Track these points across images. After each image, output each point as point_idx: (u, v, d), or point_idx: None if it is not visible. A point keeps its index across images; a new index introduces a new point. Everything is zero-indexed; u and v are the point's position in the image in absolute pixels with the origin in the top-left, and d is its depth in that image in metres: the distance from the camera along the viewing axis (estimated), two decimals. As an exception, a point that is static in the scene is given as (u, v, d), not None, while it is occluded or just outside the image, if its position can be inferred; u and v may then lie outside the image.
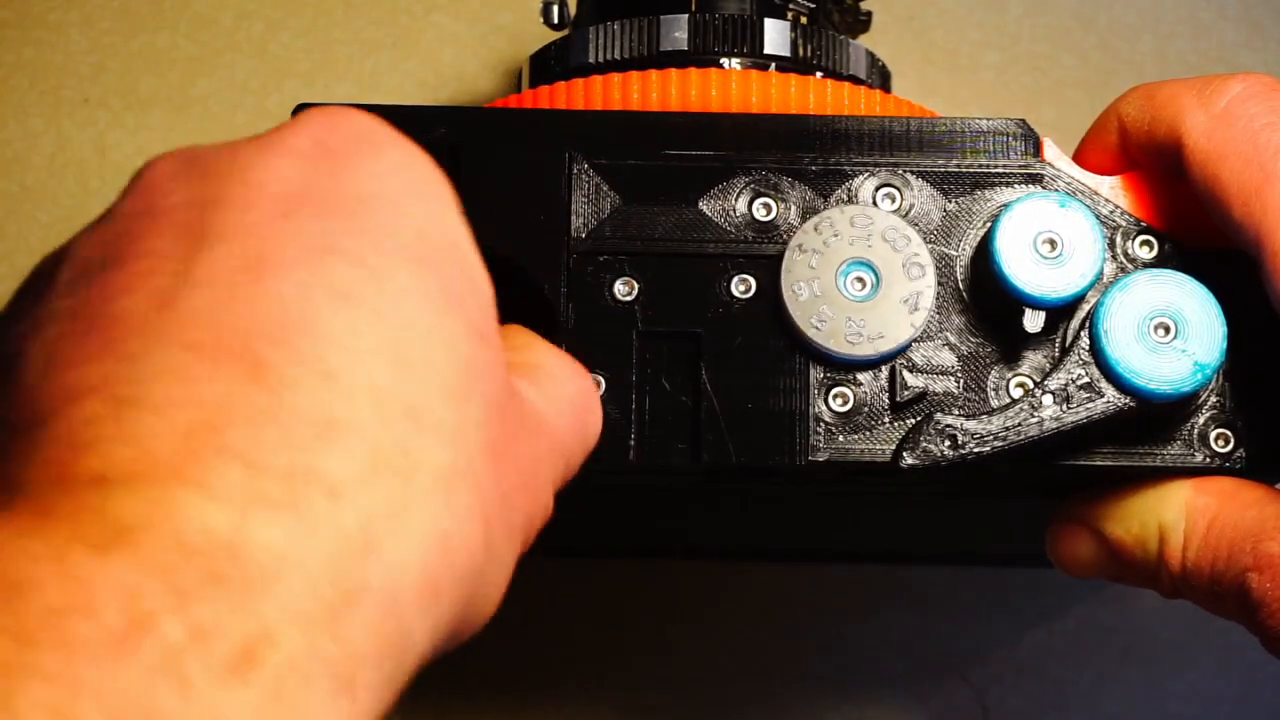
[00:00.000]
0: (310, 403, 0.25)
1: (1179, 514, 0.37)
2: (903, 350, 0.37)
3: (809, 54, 0.42)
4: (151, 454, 0.24)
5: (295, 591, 0.24)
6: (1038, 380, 0.37)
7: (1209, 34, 0.60)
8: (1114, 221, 0.38)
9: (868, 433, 0.37)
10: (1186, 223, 0.38)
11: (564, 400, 0.33)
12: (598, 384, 0.37)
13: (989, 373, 0.37)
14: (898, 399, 0.37)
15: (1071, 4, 0.60)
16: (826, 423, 0.37)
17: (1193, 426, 0.37)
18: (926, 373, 0.37)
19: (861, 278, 0.37)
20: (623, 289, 0.37)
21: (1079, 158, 0.39)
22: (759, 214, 0.38)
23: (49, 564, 0.23)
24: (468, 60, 0.60)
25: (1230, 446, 0.37)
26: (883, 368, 0.37)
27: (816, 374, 0.37)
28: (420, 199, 0.29)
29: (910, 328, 0.37)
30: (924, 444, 0.36)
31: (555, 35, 0.46)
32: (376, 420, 0.26)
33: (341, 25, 0.60)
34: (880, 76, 0.44)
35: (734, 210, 0.38)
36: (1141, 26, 0.60)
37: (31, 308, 0.28)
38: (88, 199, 0.58)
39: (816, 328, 0.36)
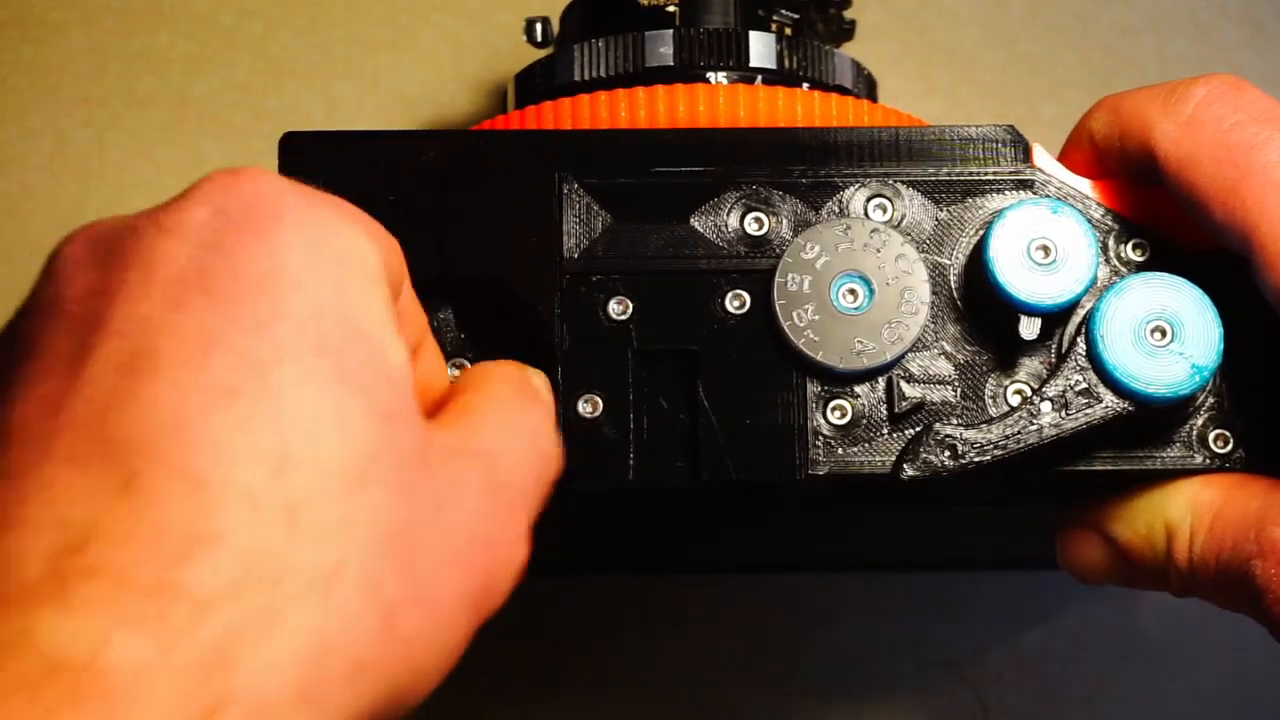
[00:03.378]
0: (179, 515, 0.25)
1: (1185, 510, 0.37)
2: (898, 361, 0.37)
3: (794, 65, 0.42)
4: (21, 579, 0.25)
5: (157, 706, 0.24)
6: (1035, 387, 0.37)
7: (1209, 34, 0.60)
8: (1106, 225, 0.38)
9: (867, 445, 0.37)
10: (1175, 225, 0.38)
11: (512, 433, 0.32)
12: (594, 404, 0.37)
13: (986, 381, 0.37)
14: (896, 410, 0.37)
15: (1071, 4, 0.60)
16: (825, 436, 0.37)
17: (1191, 428, 0.37)
18: (924, 383, 0.37)
19: (854, 289, 0.37)
20: (617, 308, 0.37)
21: None
22: (751, 229, 0.38)
23: None
24: (467, 60, 0.60)
25: (1229, 447, 0.37)
26: (880, 379, 0.37)
27: (814, 387, 0.37)
28: (322, 274, 0.28)
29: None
30: (923, 455, 0.36)
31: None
32: (248, 527, 0.26)
33: (341, 25, 0.60)
34: (866, 85, 0.44)
35: (726, 226, 0.38)
36: (1141, 26, 0.60)
37: None
38: (88, 199, 0.58)
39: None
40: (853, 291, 0.37)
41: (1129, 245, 0.38)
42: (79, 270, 0.29)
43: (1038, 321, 0.36)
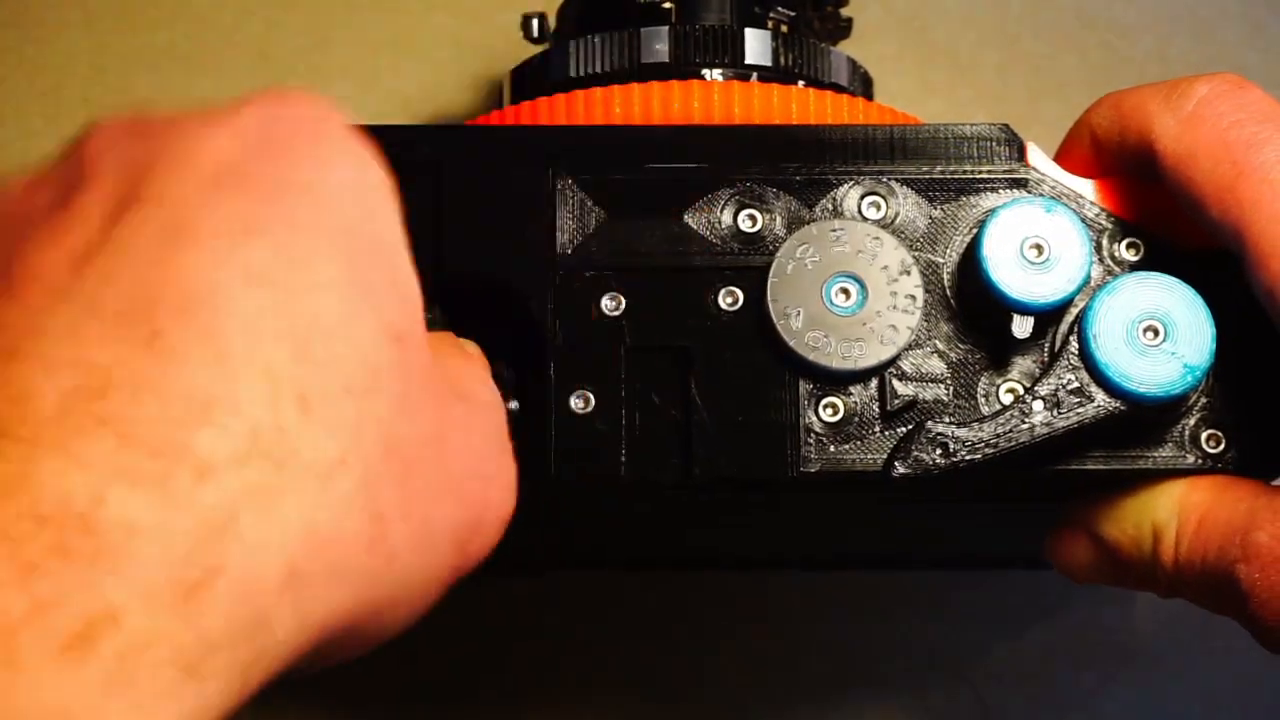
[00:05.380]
0: (197, 378, 0.25)
1: (1172, 512, 0.37)
2: (891, 360, 0.37)
3: (790, 63, 0.42)
4: (31, 413, 0.24)
5: (146, 569, 0.24)
6: (1028, 386, 0.37)
7: (1209, 34, 0.60)
8: (1100, 224, 0.38)
9: (859, 443, 0.37)
10: (1171, 224, 0.38)
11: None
12: (585, 400, 0.37)
13: (979, 379, 0.37)
14: (888, 408, 0.37)
15: (1071, 4, 0.60)
16: (817, 434, 0.37)
17: (1184, 428, 0.37)
18: (916, 381, 0.37)
19: (847, 289, 0.37)
20: (610, 304, 0.37)
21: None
22: (745, 226, 0.38)
23: None
24: (467, 60, 0.60)
25: (1221, 447, 0.37)
26: (872, 377, 0.37)
27: (806, 385, 0.37)
28: (355, 194, 0.29)
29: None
30: (915, 453, 0.36)
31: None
32: (263, 403, 0.26)
33: (341, 25, 0.60)
34: (862, 83, 0.44)
35: (720, 222, 0.38)
36: (1141, 26, 0.60)
37: None
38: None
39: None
40: (845, 291, 0.37)
41: (1123, 244, 0.38)
42: (114, 144, 0.29)
43: (1030, 320, 0.36)
